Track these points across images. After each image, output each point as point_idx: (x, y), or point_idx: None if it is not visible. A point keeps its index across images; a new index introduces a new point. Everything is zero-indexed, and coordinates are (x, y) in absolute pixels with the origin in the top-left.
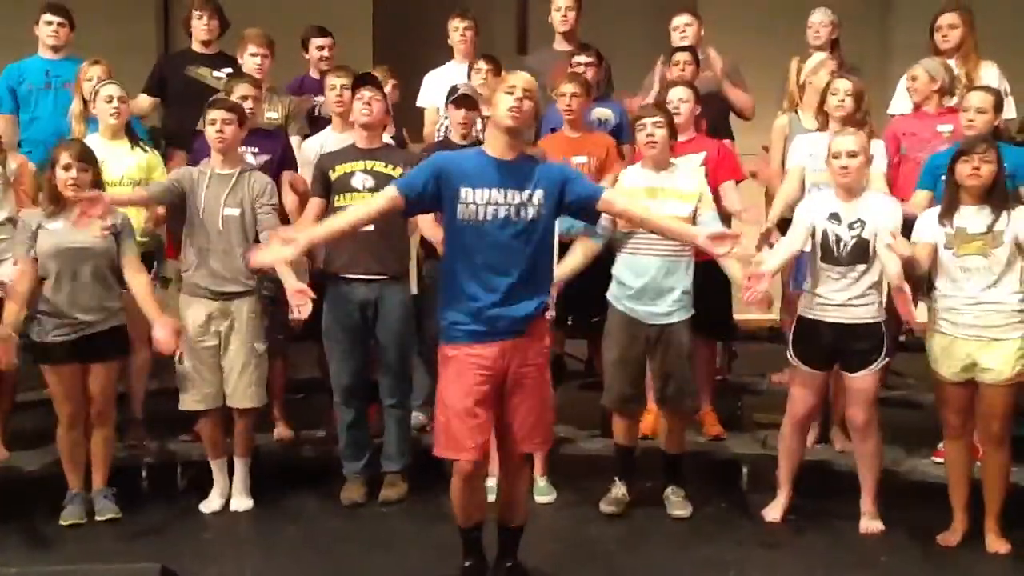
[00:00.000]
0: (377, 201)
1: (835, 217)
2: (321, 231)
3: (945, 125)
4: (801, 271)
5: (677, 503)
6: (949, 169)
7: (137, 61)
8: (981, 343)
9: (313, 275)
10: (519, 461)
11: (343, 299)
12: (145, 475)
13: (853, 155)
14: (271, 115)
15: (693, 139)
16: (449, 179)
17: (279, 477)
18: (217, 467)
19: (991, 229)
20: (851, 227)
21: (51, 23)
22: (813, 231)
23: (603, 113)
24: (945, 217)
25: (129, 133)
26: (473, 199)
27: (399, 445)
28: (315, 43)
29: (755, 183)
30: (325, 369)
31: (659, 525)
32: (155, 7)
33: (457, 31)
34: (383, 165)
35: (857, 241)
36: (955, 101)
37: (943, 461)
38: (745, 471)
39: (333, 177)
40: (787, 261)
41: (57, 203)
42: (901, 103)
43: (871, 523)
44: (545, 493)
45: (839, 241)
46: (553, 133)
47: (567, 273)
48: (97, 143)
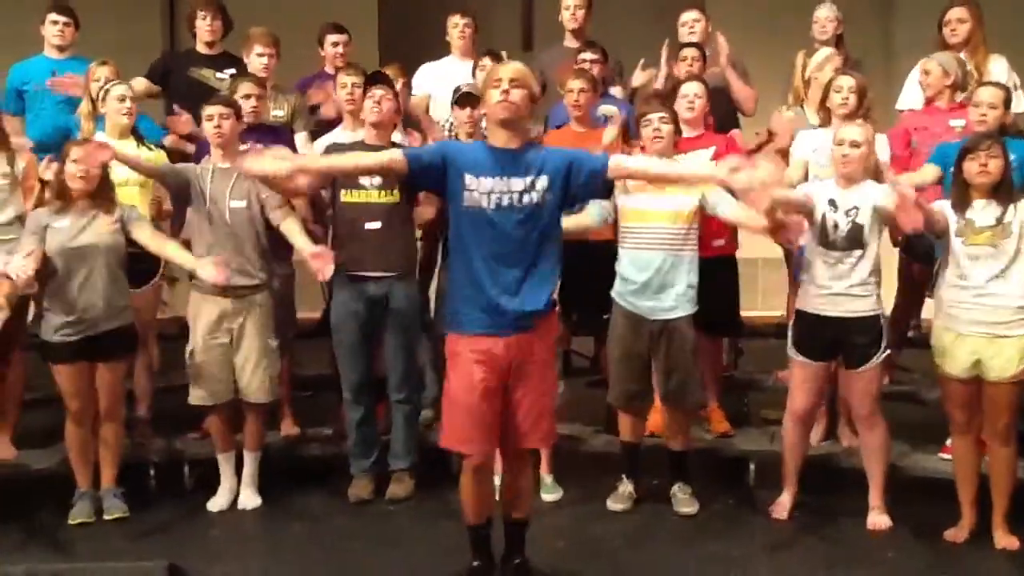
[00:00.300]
0: (381, 156)
1: (833, 204)
2: (318, 160)
3: (958, 120)
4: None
5: (684, 500)
6: (957, 167)
7: (142, 60)
8: (987, 339)
9: None
10: (522, 455)
11: (351, 297)
12: (152, 473)
13: (856, 145)
14: (276, 113)
15: (702, 135)
16: (455, 163)
17: (286, 475)
18: (224, 460)
19: (1000, 221)
20: (847, 213)
21: (56, 23)
22: (812, 216)
23: (609, 110)
24: (955, 210)
25: (135, 132)
26: (477, 186)
27: (406, 443)
28: (330, 39)
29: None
30: (335, 367)
31: (665, 522)
32: (160, 6)
33: (456, 27)
34: None
35: (852, 227)
36: (966, 96)
37: (951, 458)
38: (752, 468)
39: None
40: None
41: (64, 199)
42: (910, 98)
43: (879, 518)
44: (551, 491)
45: (836, 227)
46: (559, 128)
47: (573, 227)
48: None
